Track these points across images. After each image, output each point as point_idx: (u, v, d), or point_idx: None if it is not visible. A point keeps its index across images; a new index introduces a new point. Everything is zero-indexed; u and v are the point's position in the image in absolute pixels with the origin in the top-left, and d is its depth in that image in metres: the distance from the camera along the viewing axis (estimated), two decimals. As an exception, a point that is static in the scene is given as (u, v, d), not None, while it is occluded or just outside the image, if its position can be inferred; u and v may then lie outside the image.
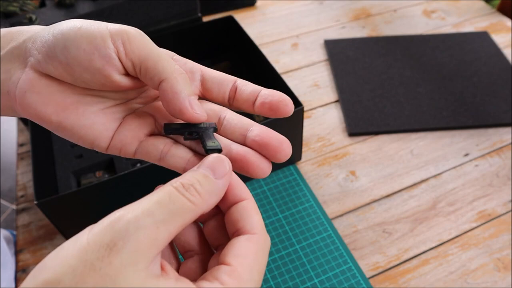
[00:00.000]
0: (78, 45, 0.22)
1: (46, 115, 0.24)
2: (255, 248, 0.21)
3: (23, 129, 0.69)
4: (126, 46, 0.22)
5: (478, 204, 0.55)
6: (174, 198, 0.20)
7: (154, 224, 0.18)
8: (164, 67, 0.23)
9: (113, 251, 0.17)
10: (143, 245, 0.18)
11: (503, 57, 0.74)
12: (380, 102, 0.67)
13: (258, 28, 0.84)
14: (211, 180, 0.21)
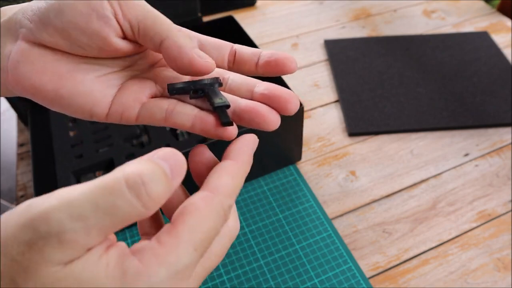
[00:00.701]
0: (74, 7, 0.21)
1: (41, 84, 0.23)
2: (205, 206, 0.19)
3: (23, 129, 0.69)
4: (122, 7, 0.22)
5: (478, 204, 0.55)
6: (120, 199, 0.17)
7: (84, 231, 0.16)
8: (162, 25, 0.22)
9: (33, 249, 0.16)
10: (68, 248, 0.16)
11: (503, 57, 0.74)
12: (380, 102, 0.67)
13: (258, 28, 0.84)
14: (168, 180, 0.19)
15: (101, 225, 0.17)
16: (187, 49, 0.22)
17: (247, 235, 0.52)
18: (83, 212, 0.16)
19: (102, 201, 0.16)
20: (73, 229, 0.16)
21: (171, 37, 0.22)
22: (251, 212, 0.55)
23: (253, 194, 0.57)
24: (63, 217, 0.16)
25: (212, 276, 0.49)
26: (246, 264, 0.50)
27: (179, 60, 0.22)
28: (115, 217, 0.17)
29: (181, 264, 0.18)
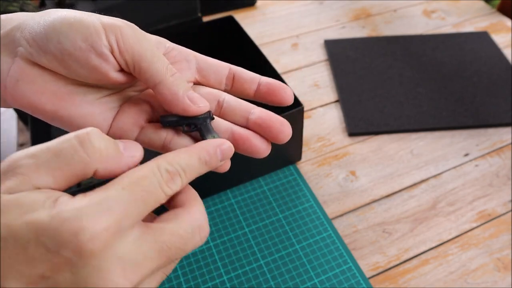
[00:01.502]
0: (73, 41, 0.22)
1: (40, 104, 0.23)
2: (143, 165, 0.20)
3: (23, 129, 0.69)
4: (119, 44, 0.22)
5: (478, 204, 0.55)
6: (66, 144, 0.19)
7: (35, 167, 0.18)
8: (158, 69, 0.23)
9: None
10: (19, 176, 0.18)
11: (503, 57, 0.74)
12: (380, 102, 0.67)
13: (258, 28, 0.84)
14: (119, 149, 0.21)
15: (50, 165, 0.18)
16: (180, 96, 0.23)
17: (247, 235, 0.52)
18: (36, 152, 0.18)
19: (52, 145, 0.19)
20: (26, 164, 0.18)
21: (165, 83, 0.23)
22: (251, 212, 0.55)
23: (253, 194, 0.57)
24: (21, 155, 0.18)
25: (212, 276, 0.49)
26: (246, 264, 0.50)
27: (173, 105, 0.23)
28: (61, 159, 0.19)
29: (103, 196, 0.18)
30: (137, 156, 0.21)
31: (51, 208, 0.17)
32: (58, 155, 0.19)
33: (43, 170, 0.18)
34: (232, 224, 0.53)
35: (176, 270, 0.49)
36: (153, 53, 0.23)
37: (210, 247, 0.51)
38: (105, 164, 0.20)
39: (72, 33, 0.22)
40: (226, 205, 0.55)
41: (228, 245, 0.51)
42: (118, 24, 0.22)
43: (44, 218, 0.17)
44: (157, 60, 0.23)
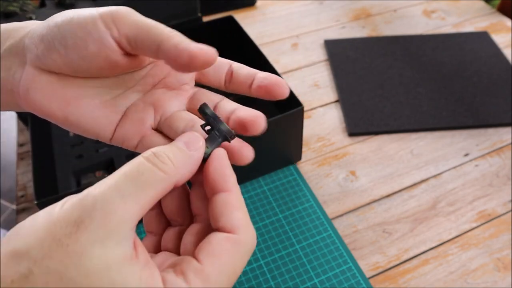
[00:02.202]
0: (73, 33, 0.22)
1: (51, 111, 0.24)
2: (232, 249, 0.20)
3: (23, 129, 0.69)
4: (117, 24, 0.22)
5: (478, 204, 0.55)
6: (143, 168, 0.19)
7: (121, 199, 0.18)
8: (157, 32, 0.22)
9: (80, 228, 0.17)
10: (110, 221, 0.18)
11: (503, 57, 0.74)
12: (380, 102, 0.67)
13: (258, 28, 0.84)
14: (184, 151, 0.21)
15: (135, 194, 0.18)
16: (184, 45, 0.22)
17: (247, 235, 0.52)
18: (118, 183, 0.18)
19: (129, 172, 0.19)
20: (113, 198, 0.18)
21: (166, 39, 0.22)
22: (251, 212, 0.55)
23: (253, 194, 0.57)
24: (104, 190, 0.18)
25: (212, 276, 0.49)
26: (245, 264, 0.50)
27: (179, 58, 0.22)
28: (143, 185, 0.19)
29: None
30: (201, 145, 0.22)
31: None
32: (140, 181, 0.19)
33: (130, 201, 0.18)
34: (232, 224, 0.53)
35: (176, 270, 0.49)
36: (150, 22, 0.23)
37: (210, 247, 0.51)
38: (182, 171, 0.20)
39: (72, 26, 0.22)
40: (226, 205, 0.55)
41: (228, 245, 0.51)
42: (114, 9, 0.23)
43: None
44: (155, 26, 0.23)
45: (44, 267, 0.17)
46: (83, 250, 0.17)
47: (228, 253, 0.20)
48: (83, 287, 0.17)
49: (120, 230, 0.18)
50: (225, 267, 0.20)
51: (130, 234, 0.19)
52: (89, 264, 0.17)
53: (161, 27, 0.23)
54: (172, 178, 0.20)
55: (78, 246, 0.17)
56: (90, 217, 0.17)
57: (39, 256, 0.17)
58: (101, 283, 0.17)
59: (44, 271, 0.17)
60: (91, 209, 0.18)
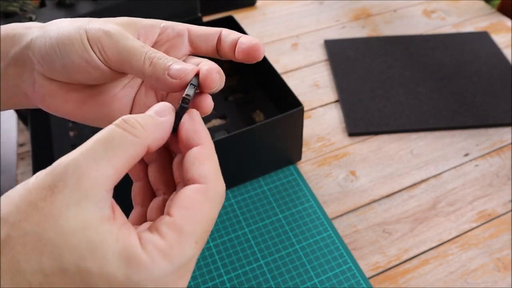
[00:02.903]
0: (70, 58, 0.24)
1: (69, 112, 0.26)
2: (202, 199, 0.20)
3: (23, 129, 0.69)
4: (102, 53, 0.24)
5: (478, 204, 0.55)
6: (113, 133, 0.20)
7: (94, 162, 0.18)
8: (136, 66, 0.24)
9: (54, 192, 0.18)
10: (84, 184, 0.18)
11: (503, 57, 0.74)
12: (380, 102, 0.67)
13: (258, 28, 0.84)
14: (154, 117, 0.22)
15: (108, 157, 0.19)
16: (161, 80, 0.24)
17: (247, 235, 0.52)
18: (89, 148, 0.19)
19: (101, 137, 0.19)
20: (85, 162, 0.18)
21: (146, 74, 0.24)
22: (251, 212, 0.55)
23: (253, 194, 0.57)
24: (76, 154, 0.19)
25: (212, 276, 0.49)
26: (246, 264, 0.50)
27: (160, 87, 0.24)
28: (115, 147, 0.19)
29: (185, 258, 0.19)
30: (170, 112, 0.22)
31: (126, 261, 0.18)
32: (111, 144, 0.19)
33: (103, 163, 0.19)
34: (232, 224, 0.53)
35: (176, 270, 0.49)
36: (129, 53, 0.24)
37: (210, 247, 0.51)
38: (153, 136, 0.21)
39: (67, 51, 0.24)
40: (226, 205, 0.55)
41: (228, 245, 0.51)
42: (98, 34, 0.24)
43: (119, 276, 0.18)
44: (133, 57, 0.24)
45: (21, 230, 0.17)
46: (59, 211, 0.17)
47: (198, 203, 0.20)
48: (60, 246, 0.17)
49: (95, 191, 0.18)
50: (197, 217, 0.20)
51: (106, 196, 0.19)
52: (65, 225, 0.17)
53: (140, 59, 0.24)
54: (143, 141, 0.20)
55: (53, 208, 0.17)
56: (63, 181, 0.18)
57: (16, 220, 0.17)
58: (78, 242, 0.17)
59: (22, 234, 0.17)
60: (64, 173, 0.18)
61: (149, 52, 0.24)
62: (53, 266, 0.17)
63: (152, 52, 0.24)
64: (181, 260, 0.19)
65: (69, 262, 0.17)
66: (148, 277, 0.18)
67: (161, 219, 0.20)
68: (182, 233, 0.19)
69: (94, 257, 0.17)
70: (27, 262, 0.17)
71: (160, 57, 0.24)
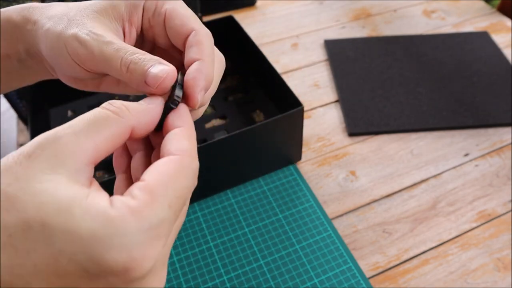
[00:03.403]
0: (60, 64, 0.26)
1: (90, 89, 0.29)
2: (174, 166, 0.20)
3: (23, 129, 0.69)
4: (82, 63, 0.25)
5: (478, 204, 0.55)
6: (97, 112, 0.20)
7: (73, 134, 0.19)
8: (114, 70, 0.24)
9: (31, 157, 0.18)
10: (62, 153, 0.18)
11: (503, 57, 0.74)
12: (380, 102, 0.67)
13: (258, 28, 0.84)
14: (142, 103, 0.22)
15: (88, 131, 0.19)
16: (140, 86, 0.24)
17: (247, 235, 0.52)
18: (72, 123, 0.19)
19: (85, 116, 0.20)
20: (64, 134, 0.19)
21: (125, 79, 0.24)
22: (251, 212, 0.55)
23: (253, 194, 0.57)
24: (57, 129, 0.19)
25: (212, 276, 0.49)
26: (246, 264, 0.50)
27: (142, 91, 0.24)
28: (98, 124, 0.20)
29: (155, 219, 0.18)
30: (158, 103, 0.23)
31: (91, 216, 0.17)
32: (93, 121, 0.20)
33: (82, 137, 0.19)
34: (232, 224, 0.53)
35: (176, 270, 0.49)
36: (106, 61, 0.24)
37: (210, 247, 0.51)
38: (139, 119, 0.21)
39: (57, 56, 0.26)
40: (226, 205, 0.55)
41: (228, 245, 0.51)
42: (74, 46, 0.24)
43: (84, 232, 0.17)
44: (110, 63, 0.24)
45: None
46: (33, 174, 0.17)
47: (171, 169, 0.20)
48: (27, 204, 0.17)
49: (72, 161, 0.18)
50: (170, 181, 0.20)
51: (85, 169, 0.19)
52: (37, 185, 0.17)
53: (117, 65, 0.24)
54: (127, 121, 0.21)
55: (28, 171, 0.17)
56: (41, 149, 0.18)
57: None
58: (46, 199, 0.17)
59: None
60: (43, 143, 0.18)
61: (124, 57, 0.24)
62: (17, 223, 0.17)
63: (128, 55, 0.24)
64: (151, 220, 0.18)
65: (34, 219, 0.17)
66: (114, 232, 0.17)
67: (134, 185, 0.19)
68: (154, 195, 0.19)
69: (59, 213, 0.17)
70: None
71: (136, 61, 0.23)
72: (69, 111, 0.66)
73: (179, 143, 0.22)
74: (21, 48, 0.27)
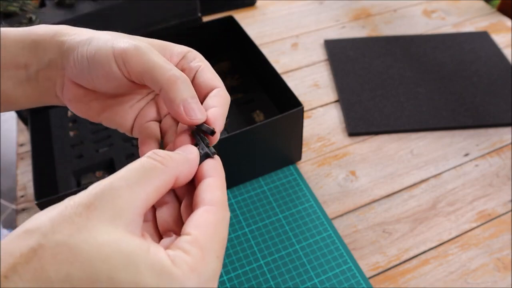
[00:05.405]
0: (96, 69, 0.26)
1: (90, 116, 0.30)
2: (214, 219, 0.22)
3: (23, 129, 0.69)
4: (127, 66, 0.26)
5: (478, 204, 0.55)
6: (145, 162, 0.21)
7: (128, 187, 0.20)
8: (158, 77, 0.25)
9: (90, 208, 0.19)
10: (119, 205, 0.19)
11: (503, 57, 0.74)
12: (380, 102, 0.67)
13: (258, 28, 0.84)
14: (181, 153, 0.24)
15: (140, 182, 0.20)
16: (175, 105, 0.25)
17: (247, 235, 0.52)
18: (123, 174, 0.20)
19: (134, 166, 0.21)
20: (120, 186, 0.20)
21: (164, 89, 0.25)
22: (251, 212, 0.55)
23: (253, 194, 0.57)
24: (112, 180, 0.20)
25: (212, 276, 0.49)
26: (246, 264, 0.50)
27: (170, 111, 0.26)
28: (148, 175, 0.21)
29: (210, 272, 0.20)
30: (195, 153, 0.24)
31: (157, 272, 0.18)
32: (144, 172, 0.21)
33: (136, 189, 0.20)
34: (232, 224, 0.53)
35: (176, 270, 0.49)
36: (155, 65, 0.25)
37: (210, 247, 0.51)
38: (181, 168, 0.23)
39: (96, 63, 0.26)
40: (226, 205, 0.55)
41: (228, 245, 0.51)
42: (124, 49, 0.26)
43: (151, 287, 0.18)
44: (159, 69, 0.25)
45: (53, 240, 0.17)
46: (93, 226, 0.18)
47: (212, 222, 0.22)
48: (92, 257, 0.17)
49: (128, 213, 0.19)
50: (214, 234, 0.21)
51: (138, 220, 0.20)
52: (99, 237, 0.18)
53: (164, 71, 0.25)
54: (172, 170, 0.22)
55: (88, 222, 0.18)
56: (99, 200, 0.19)
57: (49, 231, 0.17)
58: (111, 253, 0.18)
59: (53, 244, 0.17)
60: (101, 194, 0.19)
61: (173, 71, 0.26)
62: (82, 276, 0.17)
63: (177, 72, 0.26)
64: (207, 274, 0.20)
65: (102, 272, 0.17)
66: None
67: (181, 239, 0.21)
68: (204, 249, 0.20)
69: (127, 268, 0.18)
70: (56, 272, 0.17)
71: (182, 83, 0.25)
72: (69, 111, 0.66)
73: (214, 194, 0.23)
74: (44, 58, 0.28)
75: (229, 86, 0.68)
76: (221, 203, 0.23)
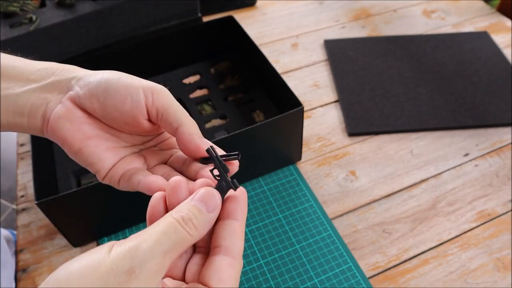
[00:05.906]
0: (116, 89, 0.28)
1: (71, 140, 0.29)
2: (236, 273, 0.24)
3: (23, 129, 0.69)
4: (154, 96, 0.28)
5: (478, 204, 0.55)
6: (177, 230, 0.23)
7: (162, 254, 0.22)
8: (181, 115, 0.28)
9: (131, 277, 0.21)
10: (154, 271, 0.21)
11: (503, 57, 0.74)
12: (380, 102, 0.67)
13: (258, 28, 0.84)
14: (204, 214, 0.24)
15: (170, 249, 0.22)
16: (195, 137, 0.28)
17: (247, 235, 0.52)
18: (160, 240, 0.22)
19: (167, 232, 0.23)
20: (156, 252, 0.22)
21: (185, 125, 0.28)
22: (251, 212, 0.55)
23: (253, 194, 0.57)
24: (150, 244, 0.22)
25: (212, 276, 0.49)
26: (246, 264, 0.50)
27: (189, 145, 0.28)
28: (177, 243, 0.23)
29: None
30: (218, 204, 0.25)
31: None
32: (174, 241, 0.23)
33: (168, 256, 0.22)
34: (232, 224, 0.53)
35: (176, 270, 0.49)
36: (178, 105, 0.29)
37: (210, 247, 0.51)
38: (202, 233, 0.24)
39: (118, 84, 0.28)
40: (226, 205, 0.55)
41: (228, 245, 0.51)
42: (154, 84, 0.29)
43: None
44: (181, 109, 0.29)
45: None
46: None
47: (232, 277, 0.24)
48: None
49: (159, 278, 0.22)
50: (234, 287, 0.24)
51: (163, 282, 0.23)
52: None
53: (184, 113, 0.29)
54: (194, 239, 0.24)
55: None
56: (140, 268, 0.21)
57: None
58: None
59: None
60: (142, 261, 0.21)
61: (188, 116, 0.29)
62: None
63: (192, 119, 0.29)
64: None
65: None
66: None
67: None
68: None
69: None
70: None
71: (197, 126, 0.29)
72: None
73: (237, 244, 0.25)
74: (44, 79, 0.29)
75: (229, 86, 0.68)
76: (241, 254, 0.25)
